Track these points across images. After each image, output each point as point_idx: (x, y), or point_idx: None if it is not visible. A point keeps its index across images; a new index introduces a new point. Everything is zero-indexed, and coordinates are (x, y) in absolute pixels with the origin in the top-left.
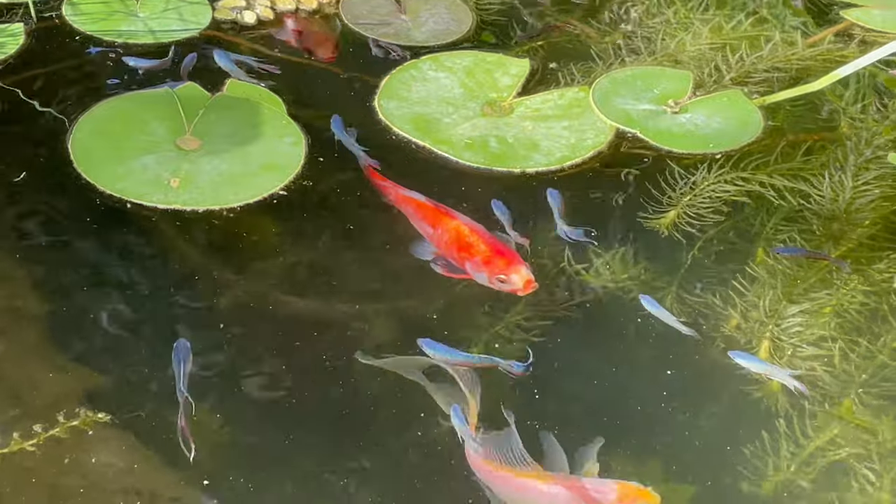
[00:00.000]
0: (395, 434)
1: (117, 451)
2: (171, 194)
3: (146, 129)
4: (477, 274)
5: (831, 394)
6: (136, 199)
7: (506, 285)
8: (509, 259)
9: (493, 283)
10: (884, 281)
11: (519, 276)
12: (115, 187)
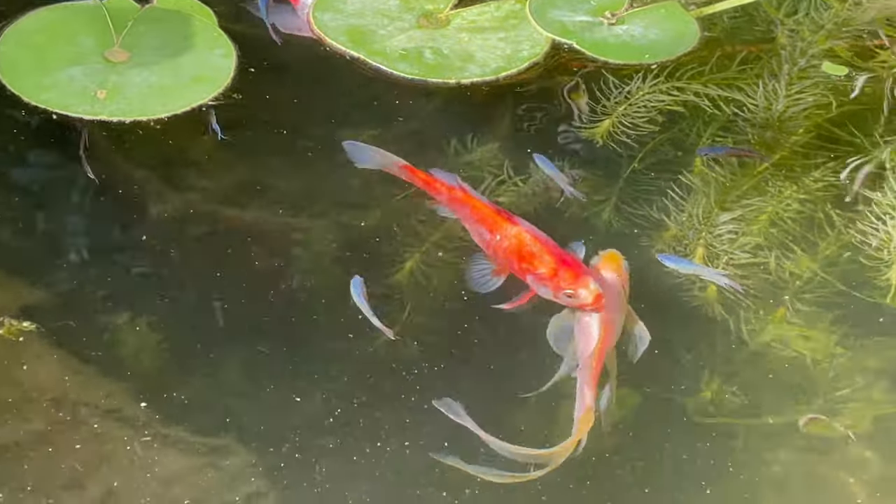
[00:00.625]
0: (332, 341)
1: (49, 362)
2: (97, 105)
3: (73, 41)
4: (540, 287)
5: (766, 301)
6: (61, 111)
7: (573, 300)
8: (576, 272)
9: (558, 297)
10: (818, 189)
11: (588, 290)
12: (39, 98)
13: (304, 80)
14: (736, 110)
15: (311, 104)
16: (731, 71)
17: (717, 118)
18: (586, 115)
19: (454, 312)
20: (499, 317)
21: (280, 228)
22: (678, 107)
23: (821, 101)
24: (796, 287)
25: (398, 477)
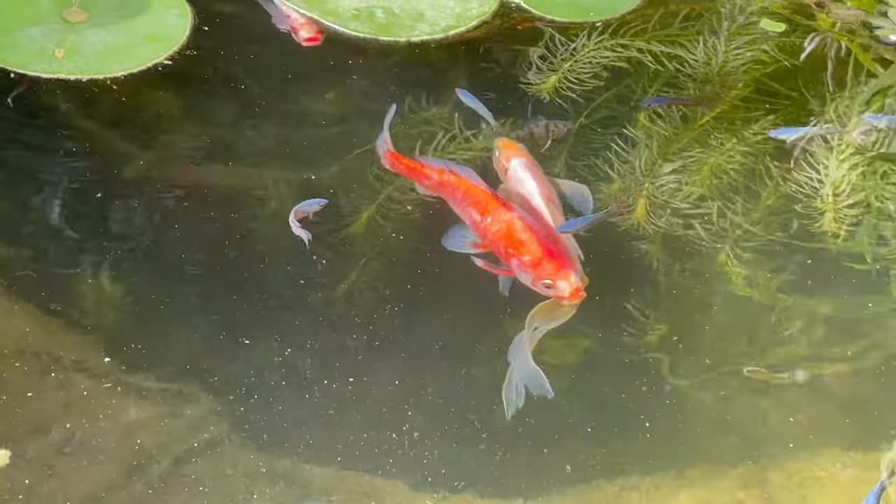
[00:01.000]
0: (287, 289)
1: (15, 315)
2: (55, 64)
3: (32, 2)
4: (521, 273)
5: (706, 250)
6: (19, 69)
7: (551, 291)
8: (559, 264)
9: (536, 286)
10: (758, 142)
11: (567, 283)
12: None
13: (259, 40)
14: (678, 66)
15: (266, 63)
16: (674, 28)
17: (661, 74)
18: (534, 72)
19: (408, 262)
20: (450, 263)
21: (236, 181)
22: (623, 63)
23: (759, 56)
24: (737, 235)
25: (353, 417)
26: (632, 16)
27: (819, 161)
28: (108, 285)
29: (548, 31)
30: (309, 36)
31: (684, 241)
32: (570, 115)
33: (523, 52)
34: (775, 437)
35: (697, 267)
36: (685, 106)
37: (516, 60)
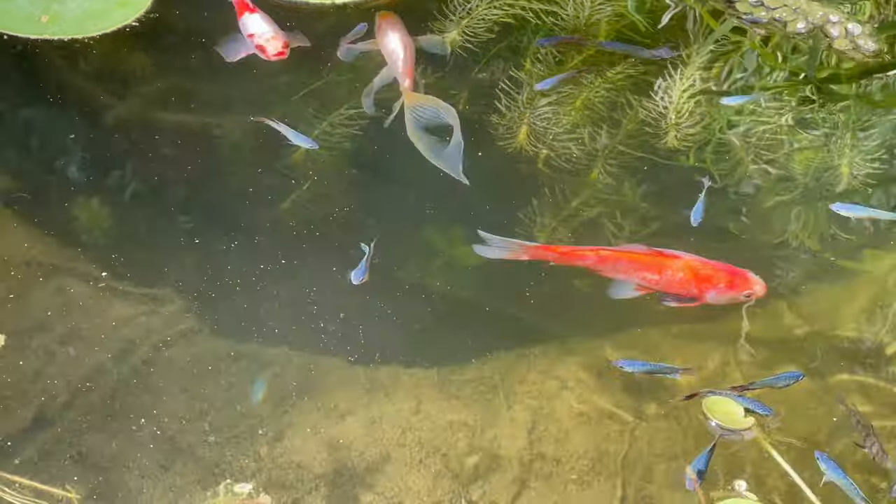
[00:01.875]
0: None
1: (18, 233)
2: (41, 27)
3: None
4: (720, 297)
5: (581, 167)
6: (11, 32)
7: (752, 297)
8: (744, 276)
9: (737, 299)
10: (619, 80)
11: (760, 285)
12: None
13: (213, 6)
14: (554, 21)
15: (219, 24)
16: None
17: (541, 27)
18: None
19: (340, 183)
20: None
21: (197, 121)
22: (510, 19)
23: (617, 10)
24: (605, 155)
25: (299, 309)
26: None
27: (667, 92)
28: (95, 208)
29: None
30: (277, 51)
31: (565, 159)
32: (470, 62)
33: (427, 14)
34: (644, 314)
35: (573, 181)
36: (570, 44)
37: (419, 21)
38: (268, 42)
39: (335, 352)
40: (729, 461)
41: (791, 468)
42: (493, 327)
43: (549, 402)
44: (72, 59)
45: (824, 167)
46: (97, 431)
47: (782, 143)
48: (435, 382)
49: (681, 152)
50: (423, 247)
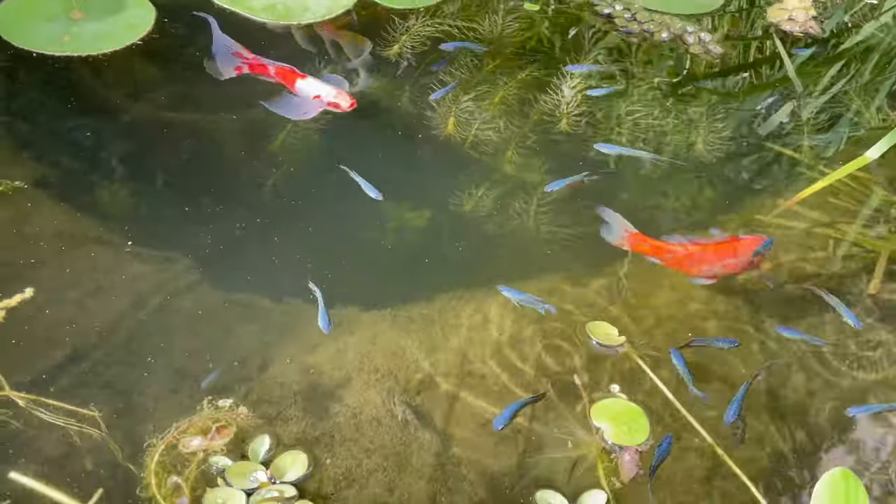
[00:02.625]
0: (240, 184)
1: (53, 210)
2: (64, 46)
3: (47, 8)
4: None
5: (499, 150)
6: (40, 50)
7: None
8: (753, 241)
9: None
10: (526, 81)
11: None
12: (24, 41)
13: (204, 27)
14: (475, 35)
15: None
16: (469, 11)
17: (465, 40)
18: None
19: (310, 165)
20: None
21: (197, 119)
22: (440, 35)
23: (522, 26)
24: (517, 139)
25: (284, 264)
26: (444, 4)
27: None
28: (116, 188)
29: (390, 15)
30: (349, 104)
31: (485, 143)
32: (410, 70)
33: (374, 30)
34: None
35: (492, 161)
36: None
37: (373, 37)
38: (337, 98)
39: (307, 298)
40: (608, 371)
41: (651, 372)
42: (434, 276)
43: (476, 333)
44: (92, 70)
45: (687, 144)
46: (119, 365)
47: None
48: (388, 320)
49: (572, 134)
50: (379, 215)
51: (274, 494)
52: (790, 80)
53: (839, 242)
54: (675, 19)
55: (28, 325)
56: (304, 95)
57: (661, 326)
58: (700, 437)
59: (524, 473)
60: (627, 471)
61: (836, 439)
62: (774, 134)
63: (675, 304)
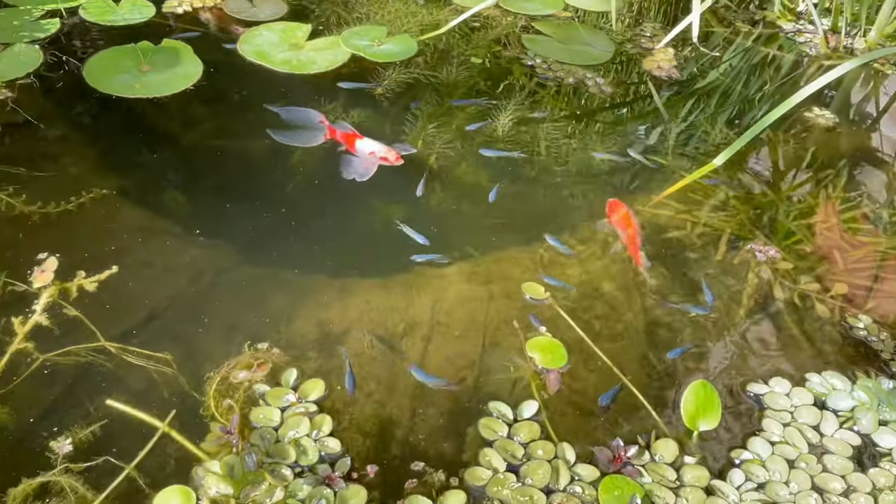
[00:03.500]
0: (267, 187)
1: (131, 212)
2: (137, 91)
3: (123, 64)
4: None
5: (455, 161)
6: (118, 94)
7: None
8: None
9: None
10: (474, 113)
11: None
12: (107, 88)
13: (239, 76)
14: (437, 81)
15: (245, 86)
16: (432, 63)
17: (431, 85)
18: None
19: (324, 178)
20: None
21: (235, 143)
22: (412, 80)
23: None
24: (468, 155)
25: (295, 247)
26: (415, 57)
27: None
28: (176, 194)
29: (375, 66)
30: (396, 158)
31: (446, 156)
32: (392, 105)
33: (363, 76)
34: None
35: (454, 165)
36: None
37: (359, 80)
38: (388, 154)
39: (321, 271)
40: (539, 317)
41: (567, 316)
42: (411, 254)
43: (443, 293)
44: (157, 109)
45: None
46: (184, 322)
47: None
48: (380, 286)
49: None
50: (370, 209)
51: (300, 410)
52: (659, 111)
53: (695, 224)
54: (578, 68)
55: (115, 294)
56: (362, 152)
57: (582, 287)
58: (602, 360)
59: (479, 390)
60: (552, 387)
61: (698, 362)
62: (648, 150)
63: (582, 272)
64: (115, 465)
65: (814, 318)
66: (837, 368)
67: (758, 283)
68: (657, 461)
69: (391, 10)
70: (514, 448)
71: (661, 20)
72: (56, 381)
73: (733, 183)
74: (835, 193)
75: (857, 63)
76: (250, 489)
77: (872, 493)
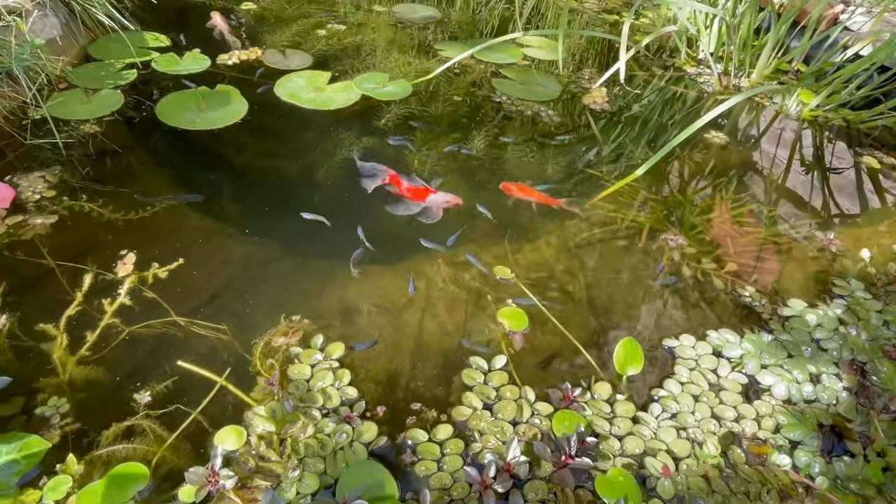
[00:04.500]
0: (305, 197)
1: (199, 219)
2: (196, 125)
3: (186, 104)
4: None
5: (443, 175)
6: (183, 127)
7: None
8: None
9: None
10: (458, 138)
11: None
12: (175, 123)
13: (276, 112)
14: (427, 114)
15: (281, 120)
16: (424, 101)
17: (422, 117)
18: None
19: (347, 191)
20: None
21: (275, 164)
22: (408, 114)
23: (453, 105)
24: (454, 168)
25: (324, 243)
26: (411, 97)
27: (475, 143)
28: (230, 203)
29: (381, 104)
30: (455, 203)
31: (436, 171)
32: (386, 132)
33: (371, 114)
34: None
35: (444, 175)
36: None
37: (371, 116)
38: (453, 200)
39: (341, 260)
40: (507, 292)
41: (528, 291)
42: (411, 245)
43: (434, 276)
44: (213, 138)
45: (541, 171)
46: (237, 301)
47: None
48: (384, 270)
49: (483, 165)
50: (379, 213)
51: (326, 366)
52: (596, 136)
53: (623, 220)
54: (535, 103)
55: (182, 280)
56: (434, 202)
57: (533, 269)
58: (555, 326)
59: (462, 347)
60: (517, 344)
61: (626, 324)
62: (588, 164)
63: (539, 260)
64: (184, 410)
65: (712, 289)
66: (730, 327)
67: (670, 263)
68: (596, 399)
69: (392, 61)
70: (488, 391)
71: (596, 66)
72: (138, 348)
73: (651, 189)
74: (727, 195)
75: (742, 97)
76: (288, 427)
77: (756, 419)
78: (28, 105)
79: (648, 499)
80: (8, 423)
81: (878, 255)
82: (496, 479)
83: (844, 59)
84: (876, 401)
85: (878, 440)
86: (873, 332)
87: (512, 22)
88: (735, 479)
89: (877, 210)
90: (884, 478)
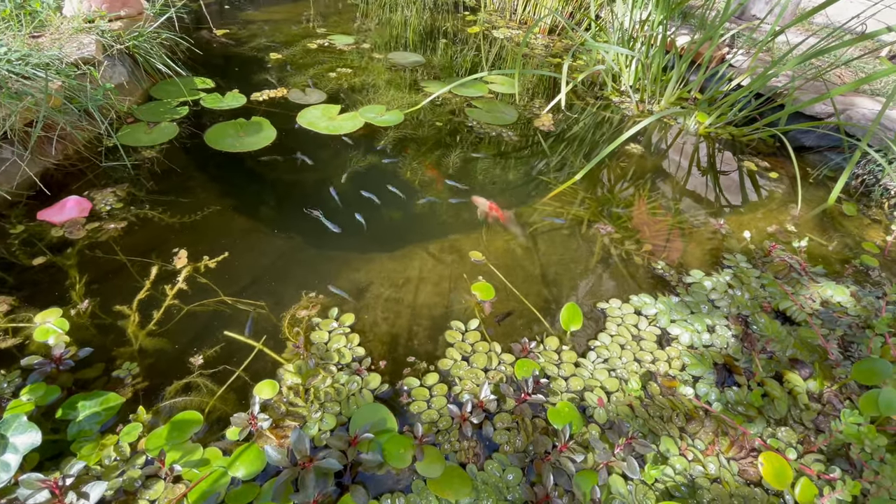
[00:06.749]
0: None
1: (235, 219)
2: (236, 148)
3: (228, 131)
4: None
5: (430, 184)
6: (226, 150)
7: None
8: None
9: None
10: (441, 154)
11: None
12: (219, 147)
13: (298, 137)
14: (416, 136)
15: (303, 143)
16: (413, 125)
17: (415, 139)
18: (376, 140)
19: (361, 199)
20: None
21: (300, 175)
22: (401, 136)
23: (436, 129)
24: (437, 179)
25: (337, 242)
26: (403, 123)
27: (452, 159)
28: (264, 207)
29: (381, 129)
30: (501, 216)
31: (423, 182)
32: (385, 155)
33: (378, 136)
34: (456, 230)
35: (427, 189)
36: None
37: (373, 138)
38: (503, 214)
39: (353, 250)
40: (478, 271)
41: (495, 270)
42: (407, 236)
43: (425, 261)
44: (250, 158)
45: (504, 177)
46: (272, 283)
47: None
48: (389, 258)
49: (461, 177)
50: (381, 213)
51: (340, 332)
52: (545, 150)
53: (566, 214)
54: (498, 126)
55: (228, 269)
56: (481, 207)
57: (504, 254)
58: (516, 296)
59: (446, 315)
60: (486, 310)
61: (570, 292)
62: (539, 172)
63: (503, 247)
64: (229, 370)
65: (633, 264)
66: (647, 291)
67: (602, 245)
68: (547, 350)
69: (388, 96)
70: (465, 347)
71: (544, 97)
72: (194, 322)
73: (587, 190)
74: (644, 193)
75: (654, 119)
76: (311, 379)
77: (667, 361)
78: (102, 136)
79: (587, 423)
80: (91, 383)
81: (756, 236)
82: (472, 413)
83: (730, 88)
84: (756, 344)
85: (758, 374)
86: (753, 293)
87: (480, 65)
88: (652, 406)
89: (755, 202)
90: (763, 402)
